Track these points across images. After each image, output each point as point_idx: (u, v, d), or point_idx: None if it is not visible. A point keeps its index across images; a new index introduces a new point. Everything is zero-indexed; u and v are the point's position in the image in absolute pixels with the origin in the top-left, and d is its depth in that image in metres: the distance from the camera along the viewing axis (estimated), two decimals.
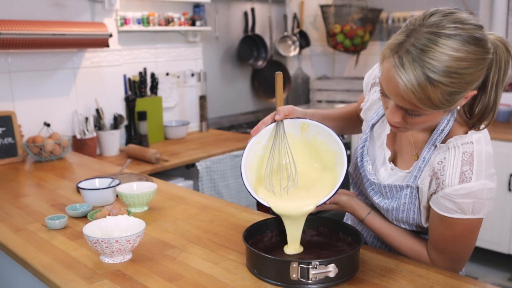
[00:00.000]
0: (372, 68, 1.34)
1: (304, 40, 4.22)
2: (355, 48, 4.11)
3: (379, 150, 1.26)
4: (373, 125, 1.29)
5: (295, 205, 1.15)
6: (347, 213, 1.51)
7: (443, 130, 1.12)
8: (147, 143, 2.98)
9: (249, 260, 1.14)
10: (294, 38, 4.16)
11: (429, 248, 1.19)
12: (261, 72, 3.96)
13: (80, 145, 2.68)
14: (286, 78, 4.15)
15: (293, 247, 1.18)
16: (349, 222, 1.47)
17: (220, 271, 1.14)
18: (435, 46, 0.95)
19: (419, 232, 1.23)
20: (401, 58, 0.97)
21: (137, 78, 3.04)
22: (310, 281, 1.04)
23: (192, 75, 3.45)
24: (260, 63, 3.93)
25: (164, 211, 1.56)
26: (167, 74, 3.29)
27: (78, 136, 2.68)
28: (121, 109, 2.99)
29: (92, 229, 1.22)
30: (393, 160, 1.24)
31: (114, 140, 2.81)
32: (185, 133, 3.27)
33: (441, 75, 0.94)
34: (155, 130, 3.12)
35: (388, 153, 1.23)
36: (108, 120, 2.90)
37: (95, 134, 2.73)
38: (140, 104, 3.00)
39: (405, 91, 0.97)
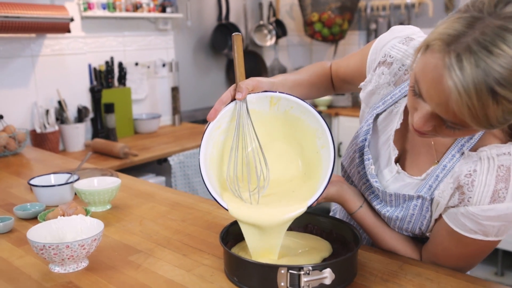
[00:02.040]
0: (379, 39, 1.09)
1: (280, 30, 4.05)
2: (334, 38, 3.96)
3: (383, 147, 1.07)
4: (377, 115, 1.09)
5: (272, 212, 0.95)
6: (334, 204, 1.33)
7: (473, 135, 0.92)
8: (115, 137, 2.77)
9: (228, 265, 0.96)
10: (270, 27, 3.99)
11: (425, 257, 1.03)
12: None
13: (40, 140, 2.45)
14: (263, 69, 3.97)
15: (267, 257, 0.97)
16: (338, 215, 1.30)
17: (193, 279, 0.96)
18: (508, 49, 0.70)
19: (414, 237, 1.08)
20: (459, 58, 0.72)
21: (103, 68, 2.82)
22: None
23: (163, 65, 3.25)
24: None
25: (129, 209, 1.37)
26: (136, 64, 3.08)
27: (38, 130, 2.45)
28: (86, 101, 2.77)
29: (39, 232, 1.03)
30: (400, 161, 1.05)
31: (78, 134, 2.59)
32: (157, 126, 3.07)
33: (509, 89, 0.71)
34: (124, 124, 2.91)
35: (394, 153, 1.04)
36: (71, 113, 2.68)
37: (57, 128, 2.51)
38: (107, 96, 2.78)
39: (457, 103, 0.73)
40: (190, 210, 1.35)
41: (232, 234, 1.06)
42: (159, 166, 2.65)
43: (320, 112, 0.98)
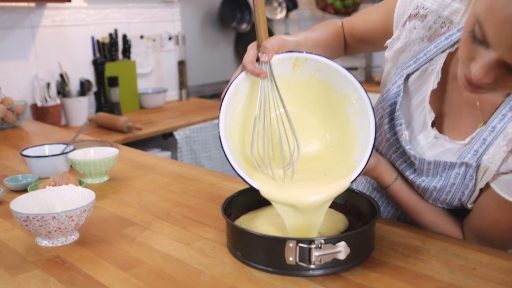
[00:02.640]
0: None
1: (291, 2, 3.91)
2: (346, 10, 3.80)
3: (416, 110, 0.95)
4: (408, 76, 0.96)
5: (311, 192, 0.83)
6: None
7: None
8: (120, 112, 2.68)
9: (231, 239, 0.87)
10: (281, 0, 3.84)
11: (468, 232, 0.92)
12: (246, 36, 3.64)
13: (41, 114, 2.37)
14: None
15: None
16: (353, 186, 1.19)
17: (192, 254, 0.87)
18: None
19: (454, 210, 0.97)
20: None
21: (106, 40, 2.72)
22: (312, 266, 0.77)
23: (170, 38, 3.14)
24: (244, 26, 3.62)
25: (128, 181, 1.28)
26: (142, 37, 2.97)
27: (39, 104, 2.37)
28: (89, 74, 2.68)
29: (26, 203, 0.94)
30: (436, 125, 0.94)
31: (81, 108, 2.50)
32: (163, 101, 2.97)
33: None
34: (128, 98, 2.81)
35: (431, 115, 0.92)
36: (74, 86, 2.59)
37: (58, 101, 2.42)
38: (111, 69, 2.68)
39: None
40: (193, 182, 1.25)
41: (235, 205, 0.96)
42: (165, 141, 2.56)
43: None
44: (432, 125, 0.92)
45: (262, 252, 0.80)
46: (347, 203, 0.98)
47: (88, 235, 0.95)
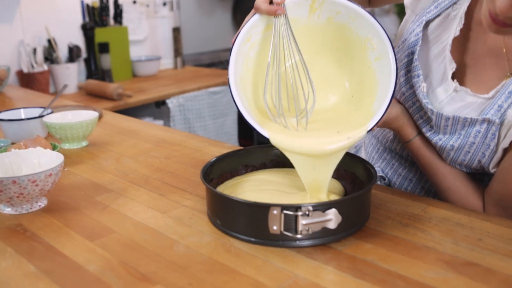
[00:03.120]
0: None
1: None
2: None
3: (436, 60, 0.86)
4: (427, 23, 0.87)
5: (326, 141, 0.77)
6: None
7: None
8: (111, 79, 2.58)
9: (210, 206, 0.78)
10: None
11: (489, 201, 0.84)
12: (244, 3, 3.51)
13: (28, 81, 2.27)
14: None
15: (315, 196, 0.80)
16: (362, 153, 1.10)
17: (167, 222, 0.78)
18: None
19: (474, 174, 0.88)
20: None
21: (96, 4, 2.60)
22: (299, 235, 0.68)
23: (164, 4, 3.01)
24: None
25: (108, 147, 1.19)
26: (134, 2, 2.84)
27: (25, 70, 2.26)
28: (78, 40, 2.57)
29: None
30: (457, 77, 0.85)
31: (70, 75, 2.40)
32: (157, 69, 2.87)
33: None
34: (120, 66, 2.70)
35: (452, 66, 0.83)
36: (62, 52, 2.48)
37: (46, 68, 2.32)
38: (101, 35, 2.57)
39: None
40: (177, 147, 1.17)
41: (218, 170, 0.87)
42: (157, 109, 2.46)
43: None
44: (453, 78, 0.84)
45: (243, 220, 0.71)
46: (341, 168, 0.89)
47: (56, 203, 0.87)
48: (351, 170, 0.87)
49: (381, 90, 0.78)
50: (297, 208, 0.67)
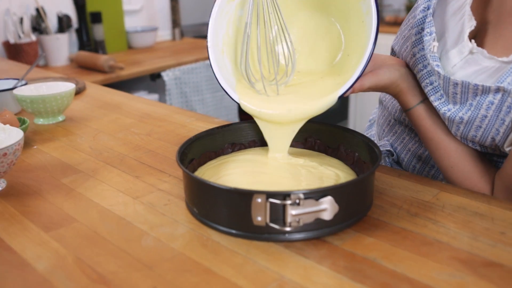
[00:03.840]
0: None
1: None
2: None
3: (453, 18, 0.74)
4: None
5: (285, 107, 0.73)
6: (373, 113, 1.05)
7: None
8: (105, 51, 2.45)
9: (187, 191, 0.67)
10: None
11: (499, 185, 0.73)
12: None
13: (15, 52, 2.16)
14: None
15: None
16: (374, 131, 1.01)
17: (139, 210, 0.68)
18: None
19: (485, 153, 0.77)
20: None
21: None
22: (288, 228, 0.58)
23: None
24: None
25: (86, 122, 1.08)
26: None
27: (12, 41, 2.15)
28: (68, 9, 2.43)
29: None
30: (477, 39, 0.73)
31: (60, 47, 2.28)
32: (153, 41, 2.74)
33: None
34: (115, 37, 2.58)
35: (470, 24, 0.71)
36: (52, 23, 2.35)
37: (34, 38, 2.20)
38: (93, 3, 2.44)
39: None
40: (161, 123, 1.06)
41: (199, 150, 0.76)
42: (153, 82, 2.35)
43: None
44: (470, 38, 0.72)
45: (223, 209, 0.61)
46: (341, 146, 0.78)
47: (16, 186, 0.77)
48: (352, 150, 0.76)
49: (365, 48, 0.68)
50: (285, 196, 0.56)
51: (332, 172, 0.72)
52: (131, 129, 1.02)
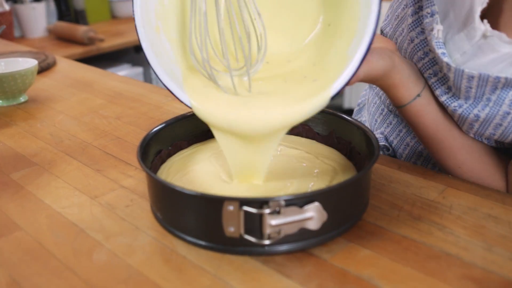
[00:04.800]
0: None
1: None
2: None
3: None
4: None
5: (262, 113, 0.54)
6: (362, 96, 0.92)
7: None
8: (86, 22, 2.32)
9: (150, 194, 0.57)
10: None
11: (510, 185, 0.63)
12: None
13: None
14: None
15: (250, 180, 0.59)
16: (365, 116, 0.88)
17: (96, 213, 0.58)
18: None
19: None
20: None
21: None
22: (266, 241, 0.48)
23: None
24: None
25: (51, 103, 0.97)
26: None
27: None
28: None
29: None
30: (488, 18, 0.59)
31: (37, 17, 2.14)
32: None
33: None
34: (96, 6, 2.43)
35: (481, 0, 0.57)
36: None
37: (7, 8, 2.05)
38: None
39: None
40: (134, 104, 0.95)
41: (169, 139, 0.66)
42: (136, 54, 2.22)
43: None
44: (482, 18, 0.58)
45: (189, 217, 0.51)
46: (333, 134, 0.68)
47: None
48: (347, 138, 0.65)
49: (360, 29, 0.51)
50: (262, 203, 0.46)
51: (329, 166, 0.61)
52: (100, 111, 0.92)
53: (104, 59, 2.12)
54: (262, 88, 0.58)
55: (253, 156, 0.56)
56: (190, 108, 0.56)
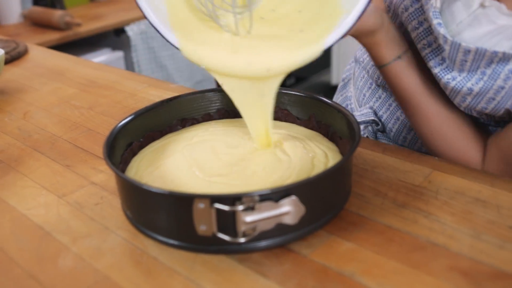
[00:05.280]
0: None
1: None
2: None
3: None
4: None
5: (260, 57, 0.55)
6: (346, 71, 0.89)
7: None
8: (63, 6, 2.24)
9: (119, 192, 0.54)
10: None
11: (495, 154, 0.61)
12: None
13: None
14: None
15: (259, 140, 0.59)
16: (352, 93, 0.85)
17: (63, 213, 0.55)
18: None
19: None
20: None
21: None
22: (241, 239, 0.45)
23: None
24: None
25: (19, 95, 0.93)
26: None
27: None
28: None
29: None
30: None
31: (11, 2, 2.06)
32: None
33: None
34: None
35: None
36: None
37: None
38: None
39: None
40: (107, 92, 0.91)
41: (141, 130, 0.62)
42: (117, 38, 2.15)
43: None
44: None
45: (159, 215, 0.48)
46: (312, 118, 0.64)
47: None
48: (325, 122, 0.62)
49: None
50: (235, 199, 0.43)
51: (321, 151, 0.58)
52: (72, 101, 0.88)
53: (83, 44, 2.06)
54: (262, 30, 0.57)
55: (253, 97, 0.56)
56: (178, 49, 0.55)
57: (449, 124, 0.64)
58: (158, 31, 0.56)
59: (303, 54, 0.53)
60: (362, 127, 0.79)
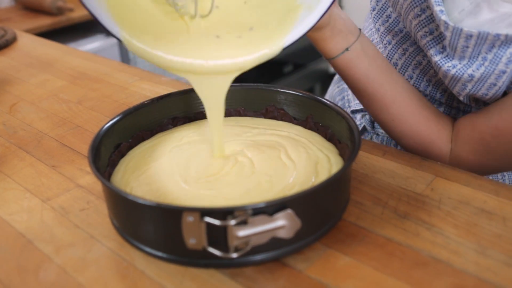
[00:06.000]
0: None
1: None
2: None
3: None
4: None
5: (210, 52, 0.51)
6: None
7: None
8: None
9: (106, 200, 0.51)
10: None
11: (464, 136, 0.60)
12: None
13: None
14: None
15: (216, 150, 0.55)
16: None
17: (46, 220, 0.52)
18: None
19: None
20: None
21: None
22: (233, 254, 0.42)
23: None
24: None
25: (6, 87, 0.89)
26: None
27: None
28: None
29: None
30: None
31: None
32: None
33: None
34: None
35: None
36: None
37: None
38: None
39: None
40: (98, 85, 0.87)
41: (130, 130, 0.59)
42: None
43: None
44: None
45: (147, 227, 0.45)
46: (309, 119, 0.61)
47: None
48: (324, 124, 0.59)
49: None
50: (226, 213, 0.41)
51: (324, 155, 0.55)
52: (60, 94, 0.84)
53: (76, 30, 2.01)
54: (215, 18, 0.52)
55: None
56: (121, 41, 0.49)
57: (408, 110, 0.62)
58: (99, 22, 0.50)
59: (257, 54, 0.50)
60: (359, 116, 0.77)
